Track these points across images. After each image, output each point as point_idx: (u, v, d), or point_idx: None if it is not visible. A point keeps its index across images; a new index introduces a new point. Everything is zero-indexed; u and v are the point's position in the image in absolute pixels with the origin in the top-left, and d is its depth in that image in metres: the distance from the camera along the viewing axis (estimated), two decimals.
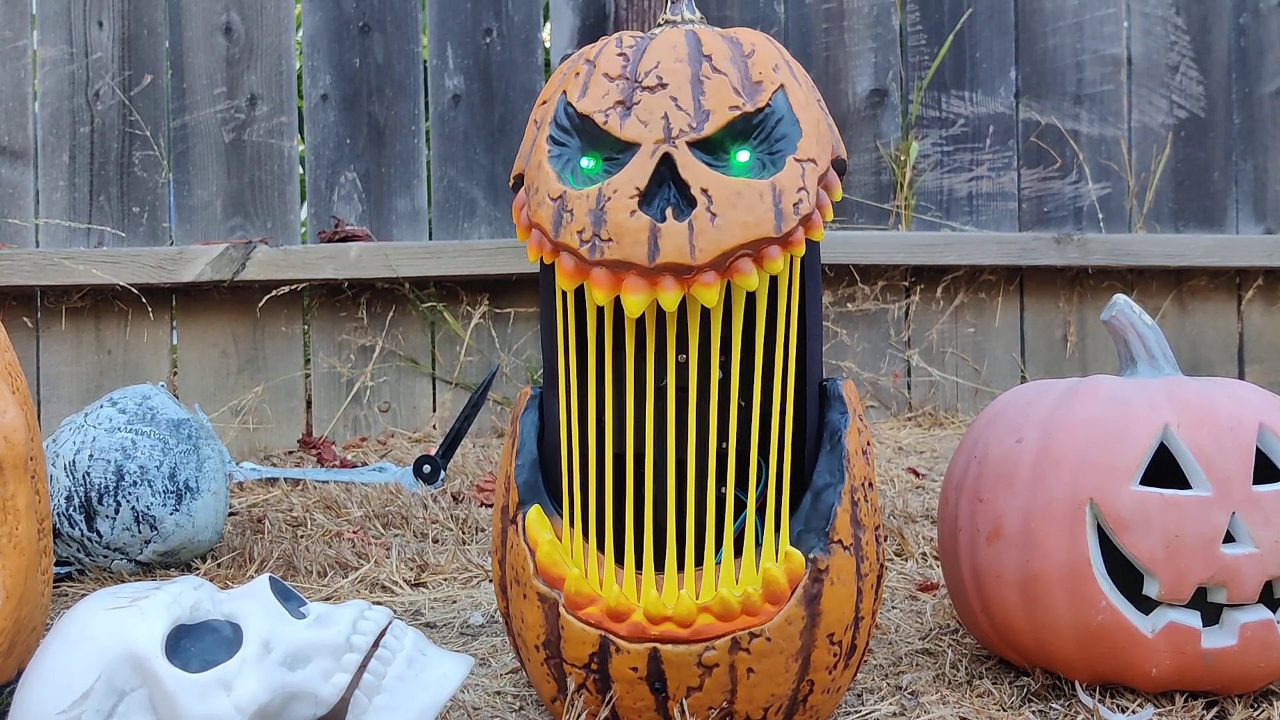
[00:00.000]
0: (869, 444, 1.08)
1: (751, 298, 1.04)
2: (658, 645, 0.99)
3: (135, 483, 1.56)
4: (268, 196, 2.29)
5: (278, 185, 2.30)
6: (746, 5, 2.46)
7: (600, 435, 1.06)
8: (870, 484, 1.07)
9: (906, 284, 2.51)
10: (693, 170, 0.98)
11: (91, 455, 1.57)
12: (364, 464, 2.14)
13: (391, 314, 2.33)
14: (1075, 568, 1.13)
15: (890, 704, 1.17)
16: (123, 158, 2.24)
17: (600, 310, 1.04)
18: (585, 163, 1.02)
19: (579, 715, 1.03)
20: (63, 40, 2.22)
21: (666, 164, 0.99)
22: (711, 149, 1.00)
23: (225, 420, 2.24)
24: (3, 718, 1.10)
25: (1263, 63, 2.65)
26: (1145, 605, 1.13)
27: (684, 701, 1.01)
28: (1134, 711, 1.14)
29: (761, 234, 0.97)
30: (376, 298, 2.33)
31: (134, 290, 2.19)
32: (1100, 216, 2.59)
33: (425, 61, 2.37)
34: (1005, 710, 1.16)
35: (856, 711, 1.15)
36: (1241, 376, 2.66)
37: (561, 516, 1.06)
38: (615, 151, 1.01)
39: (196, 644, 0.94)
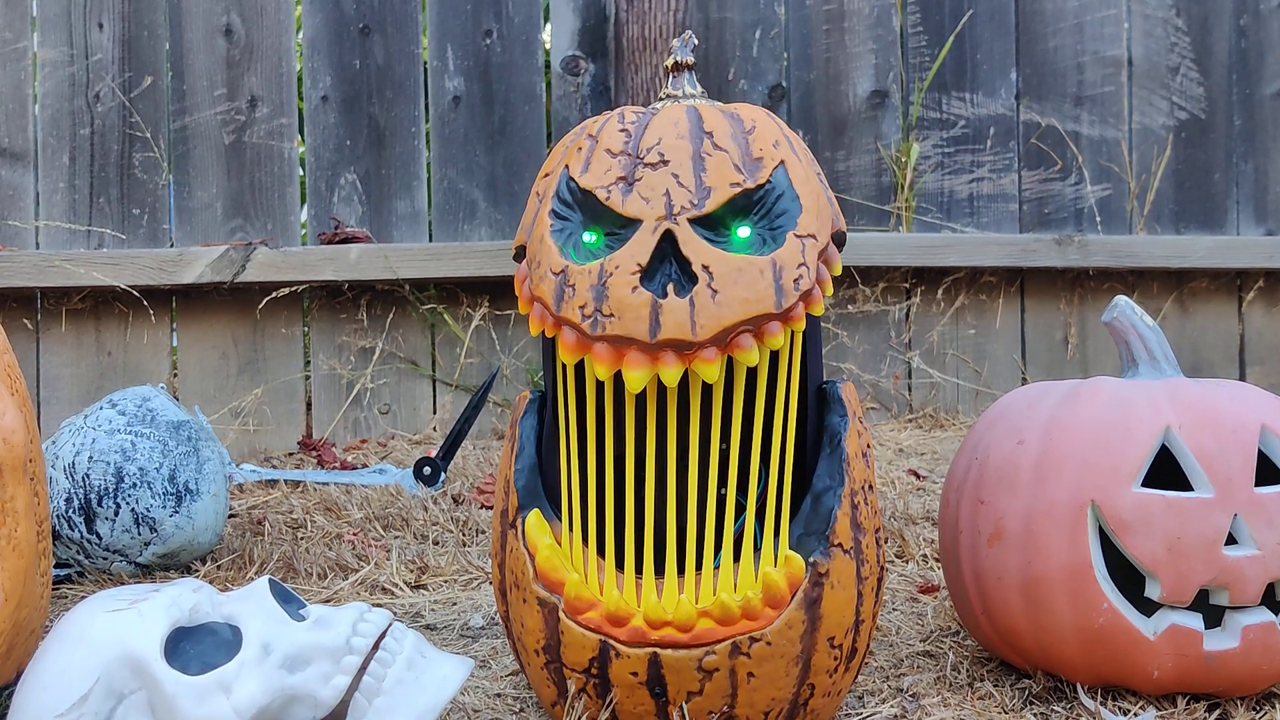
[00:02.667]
0: (869, 446, 1.08)
1: None
2: (658, 650, 0.99)
3: (135, 485, 1.56)
4: (268, 198, 2.29)
5: (278, 187, 2.30)
6: (747, 7, 2.46)
7: (600, 443, 1.06)
8: (870, 487, 1.07)
9: (907, 285, 2.51)
10: (694, 247, 0.99)
11: (91, 457, 1.57)
12: (364, 466, 2.14)
13: (391, 316, 2.33)
14: (1077, 570, 1.12)
15: (891, 706, 1.17)
16: (123, 159, 2.24)
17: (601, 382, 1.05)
18: (587, 237, 1.03)
19: (579, 719, 1.02)
20: (63, 42, 2.22)
21: (668, 240, 1.00)
22: (713, 225, 1.01)
23: (225, 422, 2.24)
24: None
25: (1263, 64, 2.65)
26: (1147, 607, 1.13)
27: (684, 706, 1.00)
28: (1135, 714, 1.13)
29: (762, 310, 0.99)
30: (376, 299, 2.32)
31: (134, 292, 2.18)
32: (1100, 218, 2.58)
33: (425, 63, 2.37)
34: (1006, 713, 1.16)
35: (857, 714, 1.15)
36: (1242, 378, 2.65)
37: (561, 521, 1.05)
38: (617, 227, 1.02)
39: (196, 646, 0.94)
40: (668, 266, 1.00)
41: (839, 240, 1.07)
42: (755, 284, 0.98)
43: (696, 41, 1.13)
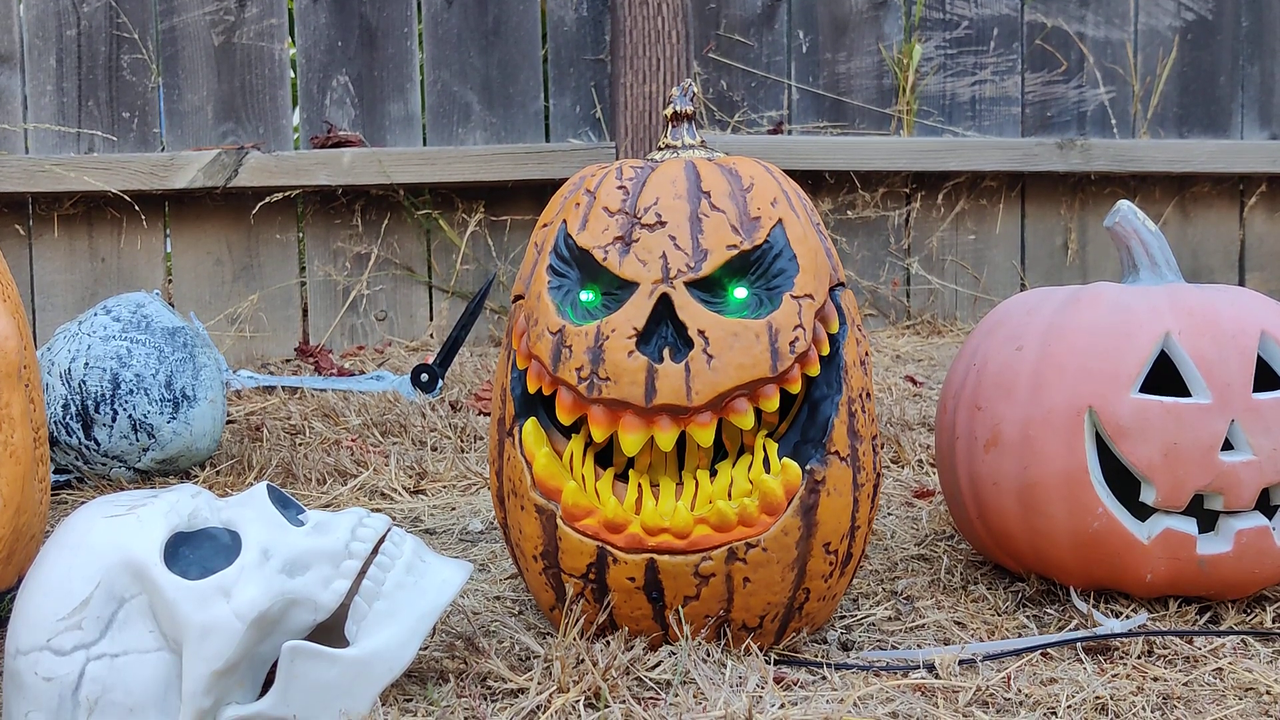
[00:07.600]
0: (867, 354, 1.08)
1: None
2: (655, 556, 1.00)
3: (132, 391, 1.56)
4: (259, 101, 2.26)
5: (269, 89, 2.26)
6: None
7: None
8: (868, 394, 1.06)
9: (907, 191, 2.48)
10: (690, 311, 0.99)
11: (87, 363, 1.56)
12: (361, 372, 2.13)
13: (386, 221, 2.30)
14: (1073, 475, 1.13)
15: (886, 609, 1.18)
16: (111, 61, 2.20)
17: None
18: (585, 296, 1.03)
19: (577, 622, 1.03)
20: None
21: (664, 303, 1.00)
22: (709, 286, 1.01)
23: (221, 328, 2.24)
24: (3, 625, 1.10)
25: None
26: (1142, 512, 1.13)
27: (681, 610, 1.01)
28: (1127, 617, 1.15)
29: (757, 375, 0.99)
30: (371, 205, 2.30)
31: (125, 198, 2.16)
32: (1104, 122, 2.55)
33: None
34: (1000, 615, 1.17)
35: (852, 616, 1.17)
36: (1242, 284, 2.64)
37: (559, 431, 1.06)
38: (614, 287, 1.02)
39: (195, 551, 0.94)
40: (664, 329, 1.00)
41: (837, 291, 1.07)
42: (751, 349, 0.99)
43: (696, 90, 1.11)
